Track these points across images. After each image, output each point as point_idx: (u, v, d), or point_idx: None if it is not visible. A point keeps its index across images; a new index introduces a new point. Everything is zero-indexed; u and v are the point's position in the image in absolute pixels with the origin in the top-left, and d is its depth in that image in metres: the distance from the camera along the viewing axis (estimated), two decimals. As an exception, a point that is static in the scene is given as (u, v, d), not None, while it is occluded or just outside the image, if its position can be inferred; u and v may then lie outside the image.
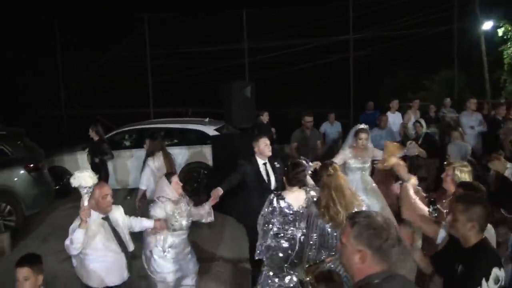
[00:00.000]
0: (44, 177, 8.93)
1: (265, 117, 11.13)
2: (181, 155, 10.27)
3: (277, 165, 5.99)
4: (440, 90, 17.02)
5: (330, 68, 16.99)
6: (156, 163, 7.54)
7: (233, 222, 8.21)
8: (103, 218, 4.21)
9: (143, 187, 7.47)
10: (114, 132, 11.24)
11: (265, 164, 5.93)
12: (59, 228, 8.31)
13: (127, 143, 11.21)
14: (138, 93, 16.97)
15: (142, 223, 4.80)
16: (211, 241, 7.54)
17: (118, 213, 4.43)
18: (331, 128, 11.49)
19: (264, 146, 5.89)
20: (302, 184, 4.84)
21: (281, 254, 4.72)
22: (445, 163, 4.71)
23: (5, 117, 11.99)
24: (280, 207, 4.69)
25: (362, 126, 6.65)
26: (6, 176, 8.25)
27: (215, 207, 5.52)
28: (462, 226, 3.05)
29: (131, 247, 4.47)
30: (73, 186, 4.15)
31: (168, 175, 5.30)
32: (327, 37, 16.38)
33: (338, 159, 6.34)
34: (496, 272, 2.89)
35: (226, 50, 16.92)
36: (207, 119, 11.37)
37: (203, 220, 5.42)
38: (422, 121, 9.43)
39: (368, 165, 6.54)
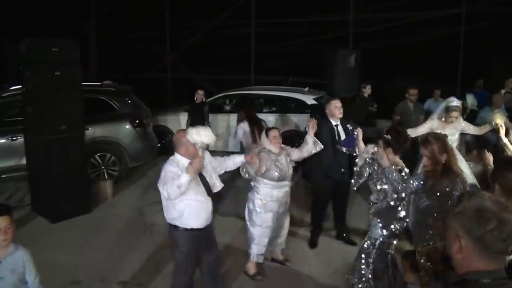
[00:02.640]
0: (148, 133, 9.34)
1: (367, 90, 10.74)
2: (278, 122, 10.26)
3: (350, 127, 6.01)
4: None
5: (439, 42, 15.96)
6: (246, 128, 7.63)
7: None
8: (190, 163, 4.24)
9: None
10: (216, 97, 11.45)
11: (336, 126, 6.05)
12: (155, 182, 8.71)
13: (228, 108, 11.38)
14: (240, 60, 17.11)
15: (234, 160, 4.94)
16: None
17: (205, 157, 4.45)
18: (435, 105, 10.81)
19: (334, 108, 6.05)
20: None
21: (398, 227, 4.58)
22: None
23: (116, 78, 12.64)
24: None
25: (455, 103, 6.39)
26: (112, 129, 8.73)
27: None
28: None
29: (218, 186, 4.52)
30: (191, 140, 4.21)
31: (268, 130, 5.48)
32: (437, 10, 15.40)
33: (424, 128, 6.30)
34: None
35: (330, 21, 16.53)
36: (306, 89, 11.23)
37: (313, 151, 5.53)
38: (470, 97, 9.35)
39: (455, 137, 6.29)
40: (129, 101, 9.24)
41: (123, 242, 6.39)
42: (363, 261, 4.66)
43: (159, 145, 10.09)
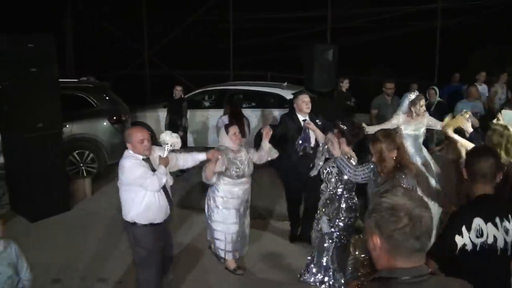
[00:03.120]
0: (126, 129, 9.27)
1: (345, 84, 10.82)
2: (258, 117, 10.30)
3: (319, 123, 5.97)
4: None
5: (415, 37, 16.12)
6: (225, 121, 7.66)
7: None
8: (143, 159, 4.33)
9: None
10: (195, 92, 11.43)
11: (304, 121, 5.95)
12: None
13: (207, 104, 11.37)
14: (219, 55, 17.09)
15: (194, 157, 4.92)
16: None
17: (158, 154, 4.53)
18: (411, 99, 10.97)
19: (301, 103, 5.96)
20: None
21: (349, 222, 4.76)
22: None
23: (93, 75, 12.52)
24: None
25: (416, 93, 6.24)
26: (90, 126, 8.68)
27: None
28: None
29: (170, 182, 4.57)
30: (159, 141, 4.52)
31: (227, 126, 5.41)
32: (414, 5, 15.56)
33: (391, 124, 6.12)
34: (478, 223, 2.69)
35: (308, 16, 16.60)
36: (285, 83, 11.28)
37: (269, 158, 5.51)
38: (436, 89, 9.52)
39: (421, 132, 6.17)
40: (107, 98, 9.19)
41: (103, 239, 6.36)
42: (323, 258, 4.80)
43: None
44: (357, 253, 2.40)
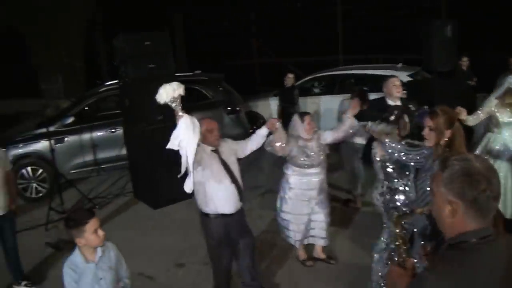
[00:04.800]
0: (241, 119, 9.49)
1: (464, 63, 10.12)
2: (372, 101, 9.95)
3: (413, 108, 5.37)
4: None
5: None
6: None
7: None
8: (212, 151, 4.34)
9: None
10: (305, 79, 11.32)
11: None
12: (252, 165, 8.75)
13: (317, 90, 11.21)
14: (327, 40, 16.79)
15: (257, 134, 4.76)
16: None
17: (226, 146, 4.51)
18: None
19: (392, 86, 5.59)
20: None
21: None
22: None
23: (205, 66, 12.86)
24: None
25: None
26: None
27: None
28: None
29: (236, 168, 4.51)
30: (160, 103, 4.13)
31: (301, 114, 5.21)
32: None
33: (483, 112, 5.49)
34: None
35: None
36: (399, 65, 10.76)
37: (350, 131, 5.13)
38: None
39: None
40: (221, 89, 9.44)
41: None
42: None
43: (251, 131, 10.15)
44: (397, 230, 2.28)
